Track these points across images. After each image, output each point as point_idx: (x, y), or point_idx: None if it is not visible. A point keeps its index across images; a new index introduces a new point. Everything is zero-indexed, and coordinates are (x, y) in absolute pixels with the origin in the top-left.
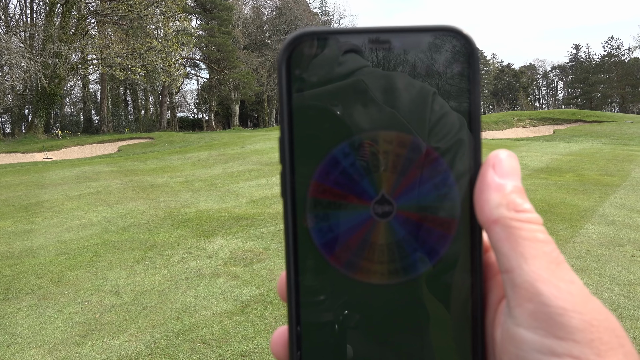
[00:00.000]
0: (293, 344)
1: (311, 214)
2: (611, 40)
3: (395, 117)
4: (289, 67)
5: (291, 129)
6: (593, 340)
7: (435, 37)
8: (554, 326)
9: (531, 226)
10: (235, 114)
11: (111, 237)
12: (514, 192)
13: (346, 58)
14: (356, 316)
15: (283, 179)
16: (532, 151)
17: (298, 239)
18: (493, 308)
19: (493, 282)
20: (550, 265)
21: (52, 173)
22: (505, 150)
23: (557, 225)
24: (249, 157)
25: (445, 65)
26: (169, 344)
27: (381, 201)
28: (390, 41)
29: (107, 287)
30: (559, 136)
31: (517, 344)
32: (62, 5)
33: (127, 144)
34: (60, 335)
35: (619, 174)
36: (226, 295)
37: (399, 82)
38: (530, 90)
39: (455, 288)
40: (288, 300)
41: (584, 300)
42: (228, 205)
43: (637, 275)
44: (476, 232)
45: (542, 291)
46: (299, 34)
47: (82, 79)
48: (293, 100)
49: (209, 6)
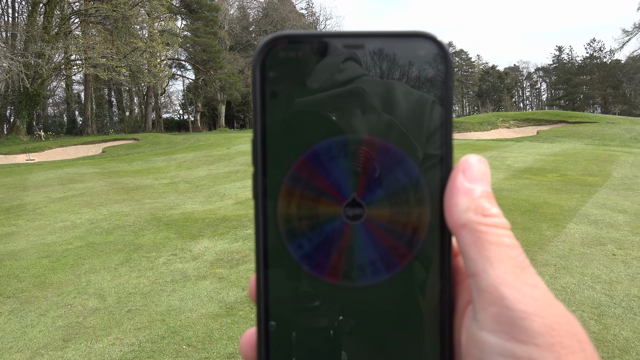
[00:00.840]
0: (261, 345)
1: (282, 215)
2: (593, 42)
3: (369, 120)
4: (263, 70)
5: (264, 131)
6: (554, 344)
7: (409, 43)
8: (516, 330)
9: (498, 230)
10: (222, 115)
11: (95, 240)
12: (483, 197)
13: (321, 62)
14: (325, 318)
15: (255, 180)
16: (516, 152)
17: (269, 241)
18: (461, 312)
19: (462, 287)
20: (515, 269)
21: (35, 175)
22: (476, 155)
23: (541, 225)
24: (235, 158)
25: (418, 71)
26: (153, 347)
27: (352, 204)
28: (364, 46)
29: (91, 290)
30: (542, 137)
31: (480, 347)
32: (44, 4)
33: (112, 145)
34: (42, 340)
35: (601, 174)
36: (212, 297)
37: (379, 87)
38: (515, 91)
39: (424, 292)
40: (257, 301)
41: (547, 305)
42: (214, 207)
43: (618, 273)
44: (446, 237)
45: (506, 295)
46: (273, 37)
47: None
48: (266, 102)
49: (195, 6)
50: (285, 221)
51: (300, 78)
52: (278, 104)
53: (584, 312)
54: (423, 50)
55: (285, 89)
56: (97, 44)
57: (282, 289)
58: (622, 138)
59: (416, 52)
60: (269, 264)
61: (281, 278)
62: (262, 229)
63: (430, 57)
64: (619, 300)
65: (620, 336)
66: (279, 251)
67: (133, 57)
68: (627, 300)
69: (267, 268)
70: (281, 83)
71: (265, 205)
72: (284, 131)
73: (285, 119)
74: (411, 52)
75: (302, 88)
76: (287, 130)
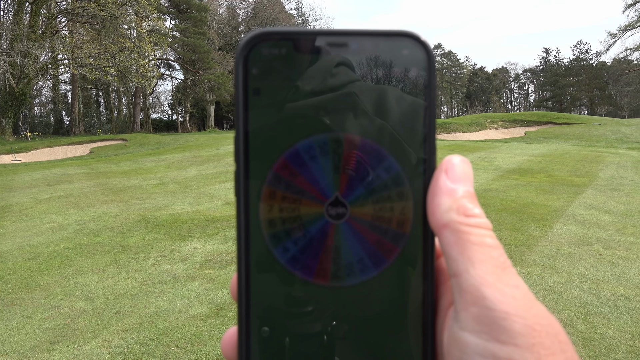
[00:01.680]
0: (242, 345)
1: (264, 213)
2: (580, 44)
3: (352, 119)
4: (246, 66)
5: (246, 128)
6: (534, 345)
7: (393, 42)
8: (497, 330)
9: (480, 231)
10: (211, 116)
11: (83, 241)
12: (465, 197)
13: (305, 59)
14: (307, 318)
15: (237, 177)
16: (504, 152)
17: (250, 239)
18: (443, 313)
19: (444, 288)
20: (497, 269)
21: (21, 176)
22: (459, 155)
23: (529, 225)
24: (225, 159)
25: (402, 70)
26: (142, 349)
27: (335, 203)
28: (348, 44)
29: (79, 291)
30: (530, 138)
31: (460, 347)
32: (31, 3)
33: (100, 146)
34: (29, 342)
35: (588, 175)
36: (201, 298)
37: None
38: (503, 92)
39: (406, 292)
40: (238, 300)
41: (528, 305)
42: (203, 208)
43: (604, 273)
44: (428, 237)
45: (487, 295)
46: (257, 33)
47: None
48: (249, 99)
49: (183, 6)
50: (268, 220)
51: (283, 75)
52: (260, 100)
53: (572, 311)
54: (407, 49)
55: (268, 86)
56: (85, 43)
57: (264, 287)
58: (608, 139)
59: (400, 51)
60: (250, 261)
61: (262, 276)
62: (244, 227)
63: (414, 56)
64: (606, 299)
65: (606, 335)
66: (262, 252)
67: (121, 57)
68: (613, 300)
69: (249, 265)
70: (264, 80)
71: (247, 203)
72: (266, 129)
73: (267, 116)
74: (395, 51)
75: (285, 85)
76: (269, 128)
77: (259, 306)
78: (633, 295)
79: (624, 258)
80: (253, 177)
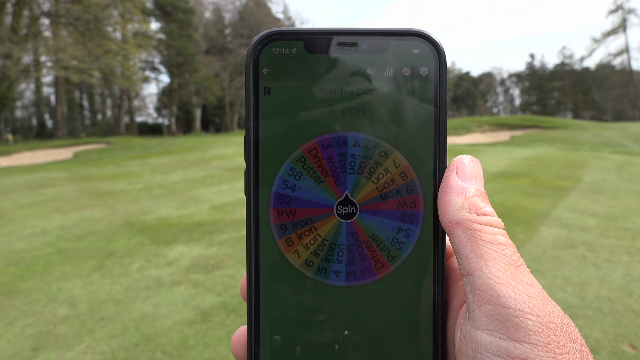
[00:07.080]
0: (251, 343)
1: (274, 213)
2: (564, 50)
3: (362, 117)
4: (257, 65)
5: (257, 128)
6: (549, 343)
7: (404, 42)
8: (511, 328)
9: (492, 229)
10: (197, 119)
11: (66, 246)
12: (476, 196)
13: (316, 58)
14: (316, 317)
15: (247, 177)
16: (490, 156)
17: (260, 238)
18: (455, 313)
19: (455, 288)
20: (510, 267)
21: (2, 180)
22: (468, 155)
23: (514, 228)
24: (211, 163)
25: (412, 70)
26: (127, 355)
27: (344, 202)
28: (358, 43)
29: (62, 297)
30: (515, 141)
31: (474, 346)
32: (13, 5)
33: (83, 149)
34: (10, 349)
35: (572, 178)
36: (187, 303)
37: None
38: (489, 96)
39: (416, 292)
40: (248, 299)
41: (542, 303)
42: (189, 212)
43: (588, 275)
44: (439, 237)
45: (500, 293)
46: (268, 33)
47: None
48: (260, 99)
49: (169, 9)
50: (277, 218)
51: (294, 74)
52: (271, 100)
53: None
54: (417, 49)
55: (279, 85)
56: (68, 45)
57: (274, 286)
58: (592, 143)
59: (410, 50)
60: (260, 259)
61: (272, 275)
62: (254, 225)
63: (425, 56)
64: (590, 301)
65: (590, 337)
66: (271, 247)
67: (105, 59)
68: (597, 302)
69: (259, 264)
70: (275, 79)
71: (257, 204)
72: (277, 129)
73: (278, 117)
74: (405, 50)
75: (296, 84)
76: (280, 127)
77: (267, 302)
78: (616, 297)
79: (608, 260)
80: (263, 177)
